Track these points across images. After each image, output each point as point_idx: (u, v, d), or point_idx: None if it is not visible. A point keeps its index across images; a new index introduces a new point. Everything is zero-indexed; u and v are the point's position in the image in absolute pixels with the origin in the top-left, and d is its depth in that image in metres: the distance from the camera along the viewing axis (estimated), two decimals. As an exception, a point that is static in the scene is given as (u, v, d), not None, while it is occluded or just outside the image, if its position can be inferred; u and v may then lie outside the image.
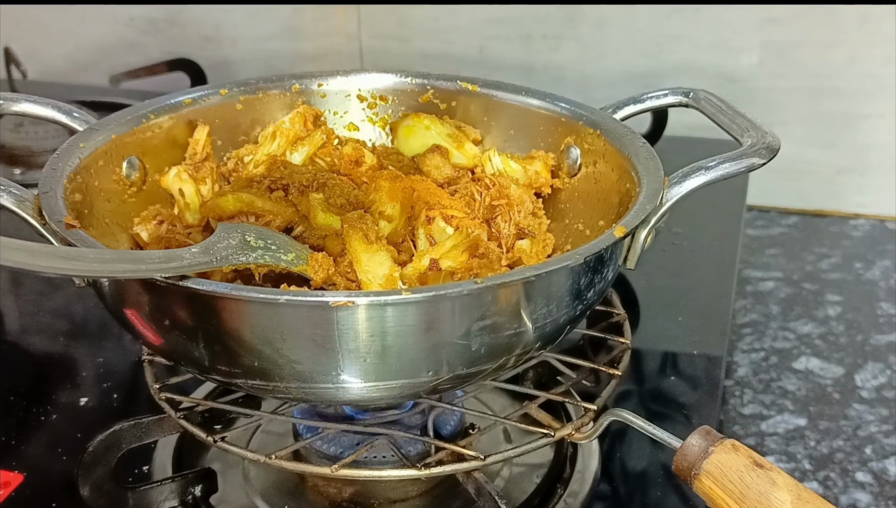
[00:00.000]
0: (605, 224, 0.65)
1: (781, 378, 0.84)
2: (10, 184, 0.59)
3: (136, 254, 0.52)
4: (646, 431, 0.58)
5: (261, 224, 0.63)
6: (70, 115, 0.68)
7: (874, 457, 0.75)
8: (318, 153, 0.72)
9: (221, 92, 0.73)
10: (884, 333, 0.89)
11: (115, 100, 1.10)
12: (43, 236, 0.57)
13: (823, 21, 1.06)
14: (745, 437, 0.77)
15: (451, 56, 1.19)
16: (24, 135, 1.11)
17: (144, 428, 0.64)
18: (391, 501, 0.65)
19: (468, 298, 0.51)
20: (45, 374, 0.80)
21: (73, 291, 0.75)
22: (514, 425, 0.65)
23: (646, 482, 0.67)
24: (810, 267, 1.01)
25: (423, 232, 0.64)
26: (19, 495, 0.65)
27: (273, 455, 0.58)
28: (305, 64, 1.25)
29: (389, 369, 0.52)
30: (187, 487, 0.64)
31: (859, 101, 1.08)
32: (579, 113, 0.71)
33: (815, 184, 1.12)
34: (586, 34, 1.14)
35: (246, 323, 0.51)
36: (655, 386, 0.76)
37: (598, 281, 0.57)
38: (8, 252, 0.46)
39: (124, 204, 0.67)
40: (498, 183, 0.68)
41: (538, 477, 0.66)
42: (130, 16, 1.30)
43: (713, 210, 1.01)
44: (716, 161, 0.60)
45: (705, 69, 1.11)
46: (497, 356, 0.55)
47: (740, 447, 0.55)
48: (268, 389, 0.55)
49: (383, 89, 0.77)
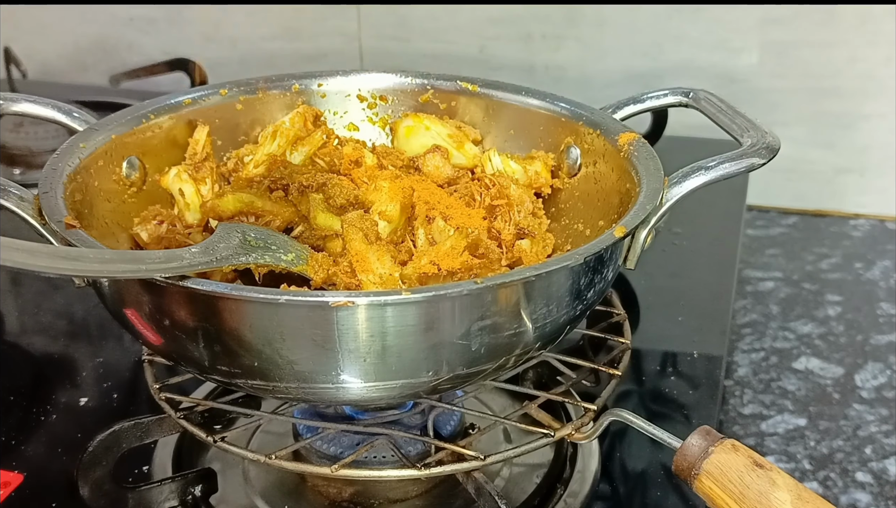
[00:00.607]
0: (605, 224, 0.65)
1: (781, 378, 0.84)
2: (10, 184, 0.59)
3: (136, 254, 0.52)
4: (646, 431, 0.58)
5: (261, 224, 0.63)
6: (70, 115, 0.68)
7: (874, 457, 0.75)
8: (318, 153, 0.72)
9: (221, 92, 0.73)
10: (884, 333, 0.89)
11: (115, 100, 1.10)
12: (43, 236, 0.57)
13: (823, 21, 1.06)
14: (745, 437, 0.77)
15: (451, 56, 1.19)
16: (24, 135, 1.11)
17: (144, 428, 0.64)
18: (391, 501, 0.65)
19: (468, 298, 0.51)
20: (45, 374, 0.80)
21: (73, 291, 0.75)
22: (514, 425, 0.65)
23: (646, 482, 0.67)
24: (810, 267, 1.01)
25: (423, 232, 0.64)
26: (19, 495, 0.65)
27: (273, 455, 0.58)
28: (305, 64, 1.24)
29: (389, 369, 0.52)
30: (187, 487, 0.64)
31: (859, 101, 1.08)
32: (579, 113, 0.71)
33: (815, 184, 1.12)
34: (586, 34, 1.14)
35: (246, 323, 0.51)
36: (655, 386, 0.76)
37: (598, 281, 0.57)
38: (8, 252, 0.46)
39: (124, 204, 0.67)
40: (498, 183, 0.68)
41: (538, 477, 0.66)
42: (130, 16, 1.30)
43: (713, 210, 1.01)
44: (716, 161, 0.60)
45: (705, 69, 1.11)
46: (497, 356, 0.55)
47: (740, 447, 0.55)
48: (268, 389, 0.55)
49: (383, 89, 0.77)
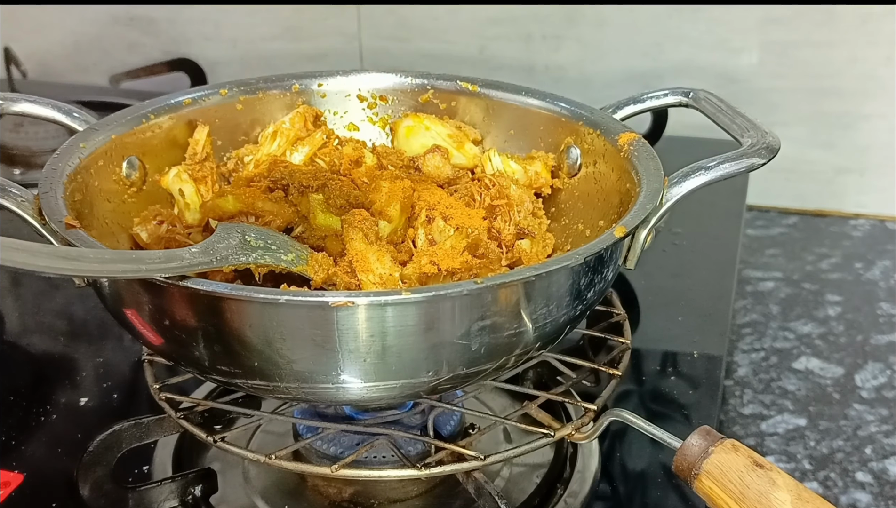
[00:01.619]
0: (605, 224, 0.65)
1: (781, 378, 0.84)
2: (10, 184, 0.59)
3: (136, 254, 0.52)
4: (646, 431, 0.58)
5: (261, 224, 0.63)
6: (70, 115, 0.68)
7: (874, 457, 0.75)
8: (318, 153, 0.72)
9: (221, 92, 0.73)
10: (884, 333, 0.89)
11: (115, 100, 1.10)
12: (43, 236, 0.57)
13: (823, 21, 1.06)
14: (745, 437, 0.77)
15: (451, 56, 1.19)
16: (24, 135, 1.11)
17: (144, 428, 0.64)
18: (391, 501, 0.65)
19: (468, 298, 0.51)
20: (45, 374, 0.80)
21: (73, 291, 0.75)
22: (514, 425, 0.65)
23: (646, 482, 0.67)
24: (810, 267, 1.01)
25: (423, 232, 0.64)
26: (19, 495, 0.65)
27: (273, 455, 0.58)
28: (305, 64, 1.24)
29: (389, 369, 0.52)
30: (187, 487, 0.64)
31: (859, 101, 1.08)
32: (579, 113, 0.71)
33: (815, 184, 1.12)
34: (586, 34, 1.14)
35: (246, 323, 0.51)
36: (655, 386, 0.76)
37: (598, 281, 0.57)
38: (8, 252, 0.46)
39: (124, 204, 0.67)
40: (498, 183, 0.68)
41: (538, 477, 0.66)
42: (130, 16, 1.30)
43: (713, 210, 1.01)
44: (716, 161, 0.60)
45: (705, 69, 1.11)
46: (497, 356, 0.55)
47: (740, 447, 0.55)
48: (268, 389, 0.55)
49: (383, 89, 0.77)
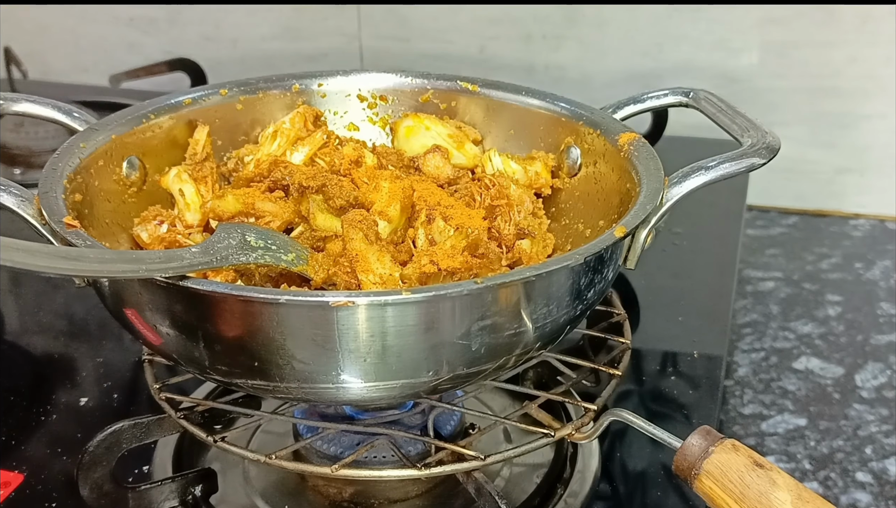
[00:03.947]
0: (606, 224, 0.65)
1: (781, 378, 0.84)
2: (10, 184, 0.59)
3: (136, 254, 0.52)
4: (646, 431, 0.58)
5: (261, 224, 0.63)
6: (70, 115, 0.68)
7: (874, 457, 0.75)
8: (318, 153, 0.72)
9: (221, 92, 0.73)
10: (884, 333, 0.89)
11: (115, 100, 1.10)
12: (43, 236, 0.57)
13: (823, 21, 1.06)
14: (746, 437, 0.77)
15: (451, 56, 1.19)
16: (24, 135, 1.12)
17: (144, 428, 0.64)
18: (391, 501, 0.65)
19: (468, 298, 0.51)
20: (45, 374, 0.80)
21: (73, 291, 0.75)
22: (514, 425, 0.65)
23: (646, 482, 0.67)
24: (810, 267, 1.01)
25: (423, 232, 0.64)
26: (19, 495, 0.65)
27: (273, 455, 0.58)
28: (305, 64, 1.24)
29: (389, 369, 0.52)
30: (187, 487, 0.64)
31: (859, 101, 1.08)
32: (579, 113, 0.71)
33: (815, 184, 1.12)
34: (586, 34, 1.14)
35: (246, 322, 0.51)
36: (655, 386, 0.76)
37: (598, 281, 0.57)
38: (8, 252, 0.46)
39: (124, 204, 0.67)
40: (498, 183, 0.68)
41: (538, 477, 0.66)
42: (130, 16, 1.30)
43: (713, 210, 1.01)
44: (716, 161, 0.60)
45: (705, 69, 1.11)
46: (497, 356, 0.55)
47: (740, 447, 0.55)
48: (268, 389, 0.55)
49: (383, 89, 0.77)
